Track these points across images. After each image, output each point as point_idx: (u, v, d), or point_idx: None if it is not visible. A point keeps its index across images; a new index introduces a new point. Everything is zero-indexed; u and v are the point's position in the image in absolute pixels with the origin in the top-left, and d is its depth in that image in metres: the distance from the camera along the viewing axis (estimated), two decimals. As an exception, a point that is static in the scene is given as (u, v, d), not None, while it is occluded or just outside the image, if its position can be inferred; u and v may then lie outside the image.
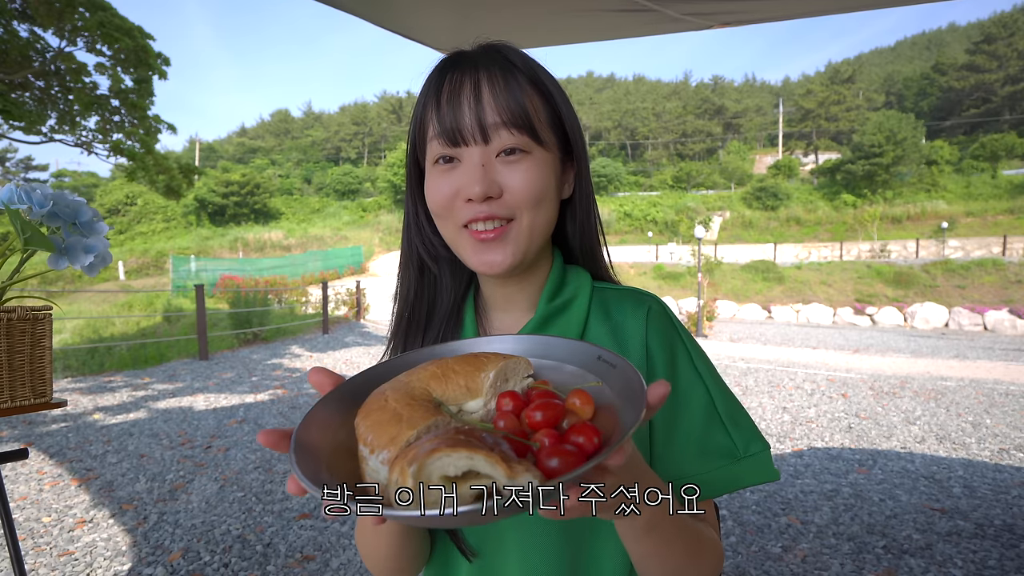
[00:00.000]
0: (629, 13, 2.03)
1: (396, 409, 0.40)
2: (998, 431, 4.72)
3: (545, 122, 0.59)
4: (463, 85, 0.56)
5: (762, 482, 0.59)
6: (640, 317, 0.62)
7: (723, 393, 0.62)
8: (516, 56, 0.60)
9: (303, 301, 14.21)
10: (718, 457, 0.59)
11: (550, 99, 0.60)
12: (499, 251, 0.58)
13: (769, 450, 0.61)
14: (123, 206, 38.97)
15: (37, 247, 1.00)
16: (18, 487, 3.42)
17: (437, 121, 0.57)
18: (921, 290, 18.81)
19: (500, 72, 0.57)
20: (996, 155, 35.53)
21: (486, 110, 0.55)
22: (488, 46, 0.61)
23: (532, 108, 0.57)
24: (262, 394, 6.07)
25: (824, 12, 2.17)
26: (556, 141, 0.60)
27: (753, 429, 0.61)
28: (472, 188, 0.55)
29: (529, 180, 0.56)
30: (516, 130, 0.56)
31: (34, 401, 1.11)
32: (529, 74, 0.59)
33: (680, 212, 36.37)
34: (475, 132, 0.55)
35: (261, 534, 2.81)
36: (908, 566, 2.50)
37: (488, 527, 0.62)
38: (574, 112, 0.63)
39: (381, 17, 2.17)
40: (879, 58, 77.54)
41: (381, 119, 63.07)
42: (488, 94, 0.56)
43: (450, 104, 0.56)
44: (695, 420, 0.60)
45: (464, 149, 0.56)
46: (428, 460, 0.33)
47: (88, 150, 10.01)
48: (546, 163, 0.58)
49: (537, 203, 0.57)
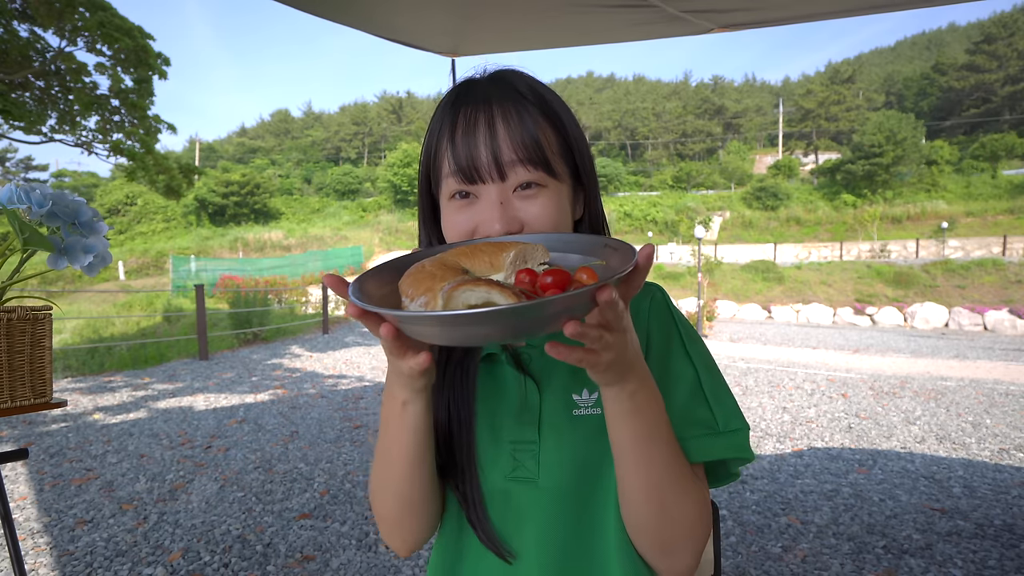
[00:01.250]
0: (629, 11, 2.03)
1: (431, 270, 0.48)
2: (998, 431, 4.72)
3: (557, 153, 0.61)
4: (477, 121, 0.58)
5: (736, 457, 0.61)
6: (644, 302, 0.66)
7: (711, 375, 0.64)
8: (525, 86, 0.61)
9: (303, 301, 14.21)
10: (697, 427, 0.61)
11: (561, 129, 0.62)
12: None
13: (748, 430, 0.62)
14: (123, 206, 38.97)
15: (36, 247, 1.00)
16: (18, 487, 3.43)
17: (452, 158, 0.58)
18: (921, 290, 18.81)
19: (513, 107, 0.58)
20: (996, 155, 35.53)
21: (502, 148, 0.57)
22: (498, 76, 0.63)
23: (545, 141, 0.59)
24: (262, 394, 6.07)
25: (824, 16, 2.17)
26: (568, 169, 0.63)
27: (735, 408, 0.63)
28: (492, 226, 0.57)
29: (547, 214, 0.59)
30: (531, 166, 0.58)
31: (34, 401, 1.11)
32: (540, 105, 0.61)
33: (680, 212, 36.37)
34: (492, 170, 0.57)
35: (261, 534, 2.81)
36: (908, 566, 2.50)
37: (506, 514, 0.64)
38: (581, 132, 0.65)
39: (380, 27, 2.17)
40: (879, 58, 77.55)
41: (381, 119, 63.07)
42: (503, 131, 0.57)
43: (465, 141, 0.58)
44: (681, 395, 0.62)
45: (481, 186, 0.58)
46: (455, 291, 0.41)
47: (88, 150, 10.01)
48: (560, 194, 0.61)
49: None
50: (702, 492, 0.60)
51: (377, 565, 2.51)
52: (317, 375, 7.27)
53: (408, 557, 2.58)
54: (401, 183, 41.34)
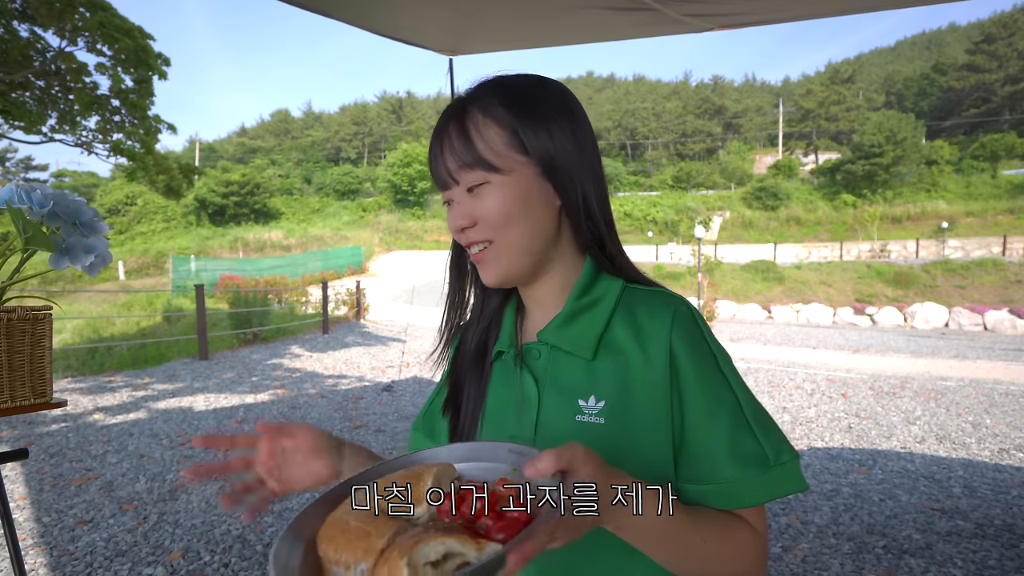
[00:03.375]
0: (628, 12, 2.03)
1: (360, 527, 0.45)
2: (998, 431, 4.72)
3: (506, 149, 0.64)
4: (437, 142, 0.66)
5: (793, 492, 0.60)
6: (665, 319, 0.63)
7: (750, 400, 0.62)
8: (480, 90, 0.66)
9: (303, 301, 14.20)
10: (751, 464, 0.59)
11: (510, 121, 0.64)
12: (485, 269, 0.67)
13: (798, 459, 0.61)
14: (123, 206, 38.97)
15: (38, 247, 1.00)
16: (18, 487, 3.43)
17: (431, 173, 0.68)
18: (921, 290, 18.80)
19: (457, 123, 0.65)
20: (996, 155, 35.52)
21: (448, 159, 0.65)
22: (464, 93, 0.68)
23: (484, 144, 0.63)
24: (262, 394, 6.07)
25: (822, 15, 2.17)
26: (528, 159, 0.64)
27: (782, 438, 0.62)
28: (455, 222, 0.66)
29: (492, 207, 0.64)
30: (471, 168, 0.63)
31: (34, 401, 1.11)
32: (490, 109, 0.64)
33: (680, 212, 36.37)
34: (446, 179, 0.66)
35: (261, 534, 2.81)
36: (908, 566, 2.50)
37: None
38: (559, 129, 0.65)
39: (379, 25, 2.17)
40: (879, 58, 77.51)
41: (381, 119, 63.05)
42: (447, 146, 0.65)
43: (432, 159, 0.67)
44: (725, 424, 0.60)
45: (449, 192, 0.67)
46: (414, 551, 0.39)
47: (88, 150, 10.01)
48: (507, 186, 0.64)
49: (506, 223, 0.64)
50: (753, 537, 0.59)
51: (377, 565, 2.51)
52: (317, 375, 7.27)
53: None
54: (401, 183, 41.33)
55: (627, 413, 0.61)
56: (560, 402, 0.64)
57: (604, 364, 0.64)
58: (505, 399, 0.69)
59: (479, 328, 0.74)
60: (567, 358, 0.66)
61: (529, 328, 0.72)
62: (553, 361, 0.67)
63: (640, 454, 0.61)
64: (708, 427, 0.60)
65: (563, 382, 0.65)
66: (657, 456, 0.61)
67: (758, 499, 0.60)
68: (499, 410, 0.69)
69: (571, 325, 0.66)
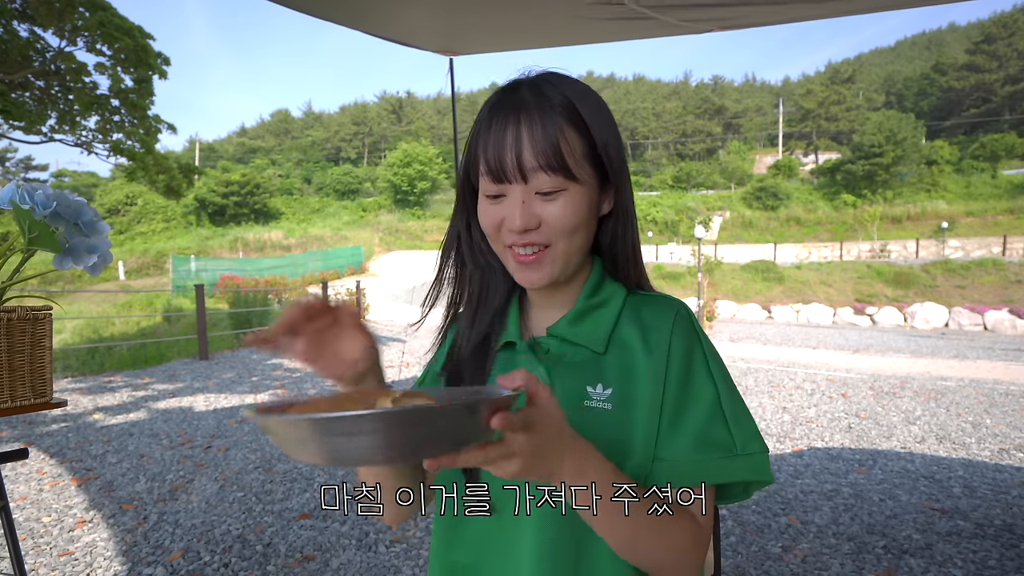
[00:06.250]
0: (627, 21, 2.03)
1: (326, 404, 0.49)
2: (998, 431, 4.72)
3: (581, 156, 0.64)
4: (507, 127, 0.63)
5: (755, 479, 0.63)
6: (668, 319, 0.68)
7: (731, 395, 0.66)
8: (555, 91, 0.65)
9: (303, 301, 14.18)
10: (715, 449, 0.63)
11: (587, 133, 0.65)
12: (537, 271, 0.66)
13: (767, 453, 0.64)
14: (123, 206, 38.95)
15: (41, 247, 1.00)
16: (18, 487, 3.43)
17: (484, 160, 0.64)
18: (921, 290, 18.81)
19: (539, 114, 0.63)
20: (996, 155, 35.51)
21: (524, 154, 0.62)
22: (534, 82, 0.66)
23: (567, 147, 0.63)
24: (262, 394, 6.07)
25: (821, 16, 2.17)
26: (593, 171, 0.66)
27: (754, 432, 0.65)
28: (514, 222, 0.63)
29: (564, 215, 0.64)
30: (551, 172, 0.62)
31: (34, 401, 1.11)
32: (567, 112, 0.64)
33: (680, 212, 36.37)
34: (516, 173, 0.63)
35: (261, 534, 2.81)
36: (908, 566, 2.50)
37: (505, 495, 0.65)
38: (614, 133, 0.68)
39: (375, 26, 2.17)
40: (879, 58, 77.51)
41: (381, 119, 63.03)
42: (527, 138, 0.62)
43: (495, 146, 0.63)
44: (700, 414, 0.64)
45: (507, 186, 0.64)
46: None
47: (88, 150, 10.02)
48: (580, 196, 0.65)
49: (571, 233, 0.65)
50: (693, 521, 0.62)
51: (377, 565, 2.51)
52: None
53: (407, 557, 2.58)
54: (401, 183, 41.31)
55: (632, 401, 0.65)
56: (569, 389, 0.66)
57: (612, 357, 0.67)
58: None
59: (482, 322, 0.74)
60: (576, 350, 0.69)
61: (535, 323, 0.74)
62: (561, 351, 0.69)
63: (643, 440, 0.63)
64: (682, 417, 0.64)
65: (572, 371, 0.67)
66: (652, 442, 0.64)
67: (716, 478, 0.62)
68: None
69: (582, 322, 0.69)
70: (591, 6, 1.92)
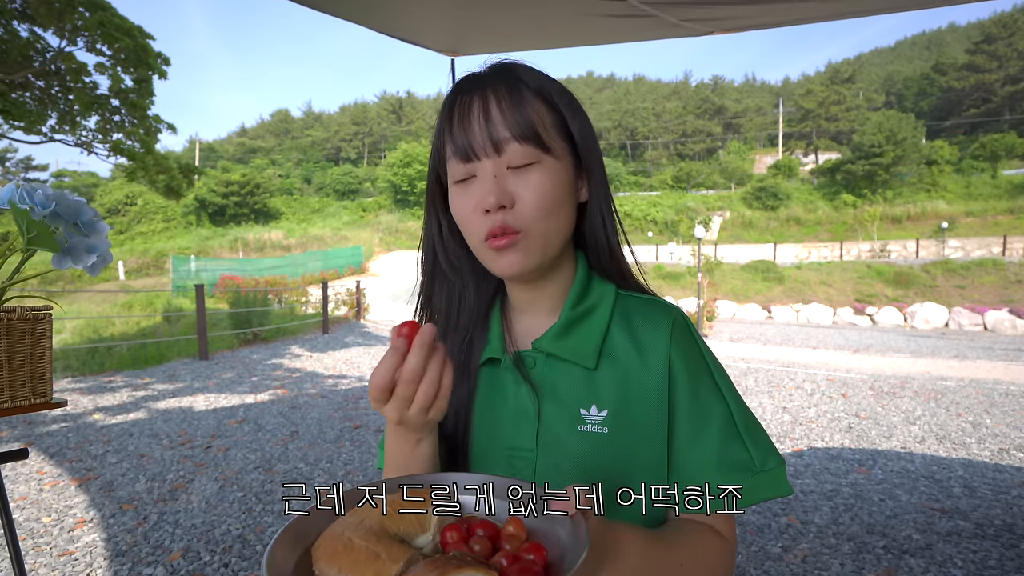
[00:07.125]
0: (628, 19, 2.03)
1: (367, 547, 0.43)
2: (998, 431, 4.72)
3: (553, 131, 0.62)
4: (472, 104, 0.60)
5: (776, 496, 0.61)
6: (664, 329, 0.64)
7: (742, 409, 0.63)
8: (523, 71, 0.63)
9: (303, 301, 14.20)
10: (736, 471, 0.60)
11: (556, 108, 0.62)
12: (511, 256, 0.61)
13: (784, 466, 0.62)
14: (123, 206, 38.95)
15: (41, 247, 1.00)
16: (18, 487, 3.42)
17: (451, 141, 0.61)
18: (921, 290, 18.80)
19: (506, 87, 0.60)
20: (996, 155, 35.50)
21: (495, 125, 0.59)
22: (495, 65, 0.64)
23: (538, 118, 0.60)
24: (262, 394, 6.07)
25: (822, 19, 2.17)
26: (567, 149, 0.63)
27: (770, 445, 0.63)
28: (487, 199, 0.59)
29: (540, 190, 0.59)
30: (524, 141, 0.59)
31: (34, 401, 1.11)
32: (535, 86, 0.62)
33: (680, 212, 36.36)
34: (486, 146, 0.59)
35: (261, 534, 2.81)
36: (908, 566, 2.50)
37: None
38: (587, 120, 0.65)
39: (381, 23, 2.17)
40: (879, 58, 77.49)
41: (381, 119, 63.04)
42: (495, 110, 0.59)
43: (461, 124, 0.60)
44: (715, 434, 0.61)
45: (478, 164, 0.60)
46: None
47: (88, 150, 10.01)
48: (556, 170, 0.61)
49: (548, 211, 0.60)
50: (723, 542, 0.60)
51: (377, 565, 2.51)
52: (317, 375, 7.27)
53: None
54: (401, 183, 41.31)
55: (628, 422, 0.61)
56: (560, 412, 0.63)
57: (604, 373, 0.63)
58: (498, 408, 0.66)
59: (462, 334, 0.69)
60: (565, 366, 0.64)
61: (519, 334, 0.69)
62: (550, 369, 0.64)
63: (642, 463, 0.61)
64: (699, 437, 0.61)
65: (562, 391, 0.63)
66: (657, 464, 0.62)
67: (743, 504, 0.60)
68: (492, 420, 0.66)
69: (569, 335, 0.64)
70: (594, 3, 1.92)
